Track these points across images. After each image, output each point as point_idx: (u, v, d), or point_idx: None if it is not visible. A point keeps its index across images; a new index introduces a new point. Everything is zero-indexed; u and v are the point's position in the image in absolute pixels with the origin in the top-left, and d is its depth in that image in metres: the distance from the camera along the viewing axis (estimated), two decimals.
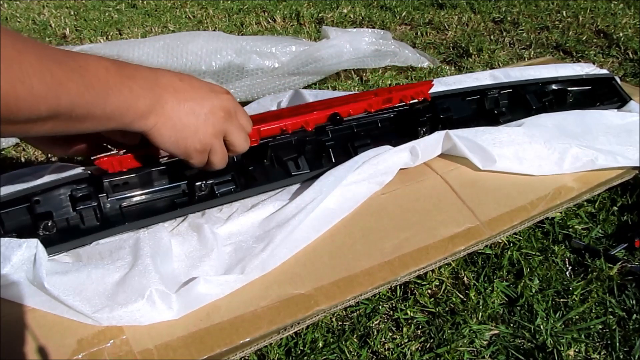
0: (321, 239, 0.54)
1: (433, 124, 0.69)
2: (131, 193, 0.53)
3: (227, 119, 0.48)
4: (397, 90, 0.67)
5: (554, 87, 0.79)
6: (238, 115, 0.50)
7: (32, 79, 0.35)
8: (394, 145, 0.63)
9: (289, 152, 0.60)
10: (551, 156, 0.65)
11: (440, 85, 0.79)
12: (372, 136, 0.66)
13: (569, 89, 0.79)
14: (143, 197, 0.53)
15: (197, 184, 0.54)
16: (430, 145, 0.64)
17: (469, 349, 0.52)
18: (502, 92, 0.75)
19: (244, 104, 0.95)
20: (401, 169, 0.62)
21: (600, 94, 0.80)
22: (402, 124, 0.69)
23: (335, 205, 0.55)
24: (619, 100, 0.79)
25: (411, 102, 0.68)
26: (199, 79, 0.49)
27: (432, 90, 0.72)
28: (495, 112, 0.73)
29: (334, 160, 0.61)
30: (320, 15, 1.47)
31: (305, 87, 1.03)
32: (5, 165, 0.81)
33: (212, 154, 0.49)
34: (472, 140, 0.64)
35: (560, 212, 0.68)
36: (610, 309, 0.56)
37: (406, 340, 0.53)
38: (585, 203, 0.71)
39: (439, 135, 0.64)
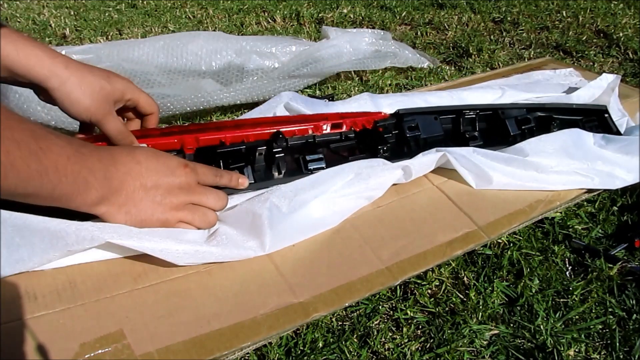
0: (318, 251, 0.55)
1: (399, 143, 0.67)
2: None
3: (185, 193, 0.51)
4: (348, 117, 0.66)
5: (540, 114, 0.74)
6: (203, 180, 0.53)
7: None
8: (349, 161, 0.62)
9: (238, 160, 0.59)
10: (547, 182, 0.65)
11: (434, 97, 0.77)
12: (329, 150, 0.64)
13: (555, 116, 0.74)
14: None
15: None
16: (424, 164, 0.64)
17: (469, 349, 0.52)
18: (480, 113, 0.72)
19: (244, 105, 0.95)
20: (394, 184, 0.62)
21: (588, 126, 0.75)
22: (364, 141, 0.67)
23: (320, 215, 0.56)
24: (608, 133, 0.74)
25: (375, 120, 0.66)
26: (157, 157, 0.50)
27: (403, 107, 0.69)
28: (467, 135, 0.69)
29: (282, 173, 0.60)
30: (320, 15, 1.47)
31: (305, 88, 1.03)
32: None
33: (188, 221, 0.52)
34: (469, 160, 0.63)
35: (560, 212, 0.68)
36: (610, 309, 0.56)
37: (406, 340, 0.53)
38: (585, 203, 0.71)
39: (434, 157, 0.63)
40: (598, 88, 0.81)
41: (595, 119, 0.76)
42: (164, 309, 0.47)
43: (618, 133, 0.75)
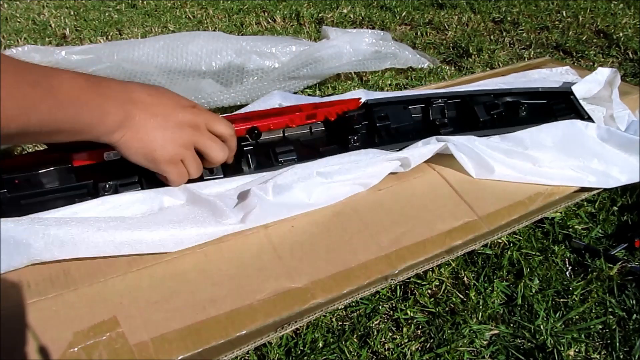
0: (318, 233, 0.54)
1: (369, 132, 0.67)
2: (32, 190, 0.52)
3: (194, 132, 0.52)
4: (322, 107, 0.66)
5: (507, 99, 0.75)
6: (211, 126, 0.53)
7: (5, 103, 0.37)
8: (321, 152, 0.62)
9: None
10: (545, 177, 0.65)
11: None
12: (299, 143, 0.64)
13: (523, 101, 0.75)
14: (46, 196, 0.53)
15: (101, 184, 0.54)
16: (424, 155, 0.63)
17: (469, 349, 0.52)
18: (448, 101, 0.72)
19: (244, 107, 0.95)
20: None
21: (556, 109, 0.76)
22: (333, 131, 0.67)
23: (314, 200, 0.56)
24: (577, 116, 0.75)
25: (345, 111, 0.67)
26: (168, 93, 0.52)
27: (372, 97, 0.70)
28: (437, 122, 0.69)
29: (252, 167, 0.60)
30: (320, 15, 1.47)
31: (305, 89, 1.03)
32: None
33: (187, 165, 0.53)
34: (471, 149, 0.63)
35: (560, 212, 0.68)
36: (610, 309, 0.56)
37: (406, 340, 0.53)
38: (585, 203, 0.71)
39: (434, 147, 0.63)
40: (594, 82, 0.81)
41: (562, 102, 0.77)
42: (158, 294, 0.46)
43: (587, 114, 0.75)
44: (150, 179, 0.55)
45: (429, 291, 0.59)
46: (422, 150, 0.62)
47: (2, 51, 0.97)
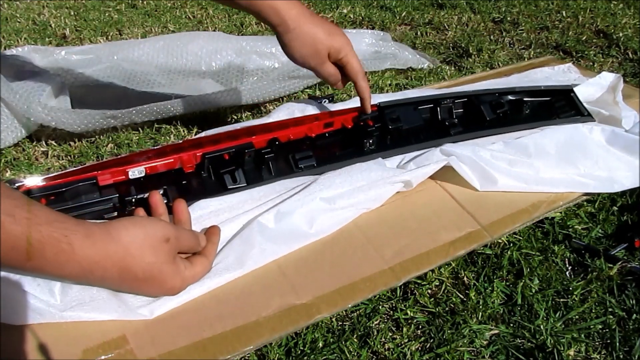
0: (321, 250, 0.54)
1: (381, 135, 0.69)
2: (59, 207, 0.52)
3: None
4: (338, 114, 0.68)
5: (510, 97, 0.78)
6: (183, 249, 0.48)
7: None
8: (338, 157, 0.63)
9: (227, 164, 0.59)
10: (549, 184, 0.65)
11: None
12: (315, 147, 0.65)
13: (526, 99, 0.78)
14: (72, 212, 0.53)
15: (127, 198, 0.54)
16: (427, 174, 0.63)
17: (469, 348, 0.52)
18: (456, 101, 0.74)
19: (244, 107, 0.95)
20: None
21: (557, 106, 0.78)
22: (348, 135, 0.68)
23: (316, 230, 0.55)
24: (576, 113, 0.78)
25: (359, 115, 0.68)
26: (142, 234, 0.44)
27: (382, 100, 0.72)
28: (447, 123, 0.71)
29: (273, 174, 0.60)
30: (320, 15, 1.47)
31: (305, 89, 1.03)
32: (6, 166, 0.81)
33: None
34: (474, 161, 0.63)
35: (560, 212, 0.68)
36: (610, 309, 0.56)
37: (406, 340, 0.53)
38: (585, 203, 0.71)
39: (436, 165, 0.63)
40: (597, 86, 0.82)
41: (563, 99, 0.79)
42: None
43: (587, 111, 0.78)
44: (177, 191, 0.57)
45: (429, 291, 0.59)
46: (424, 170, 0.62)
47: (2, 51, 0.97)
